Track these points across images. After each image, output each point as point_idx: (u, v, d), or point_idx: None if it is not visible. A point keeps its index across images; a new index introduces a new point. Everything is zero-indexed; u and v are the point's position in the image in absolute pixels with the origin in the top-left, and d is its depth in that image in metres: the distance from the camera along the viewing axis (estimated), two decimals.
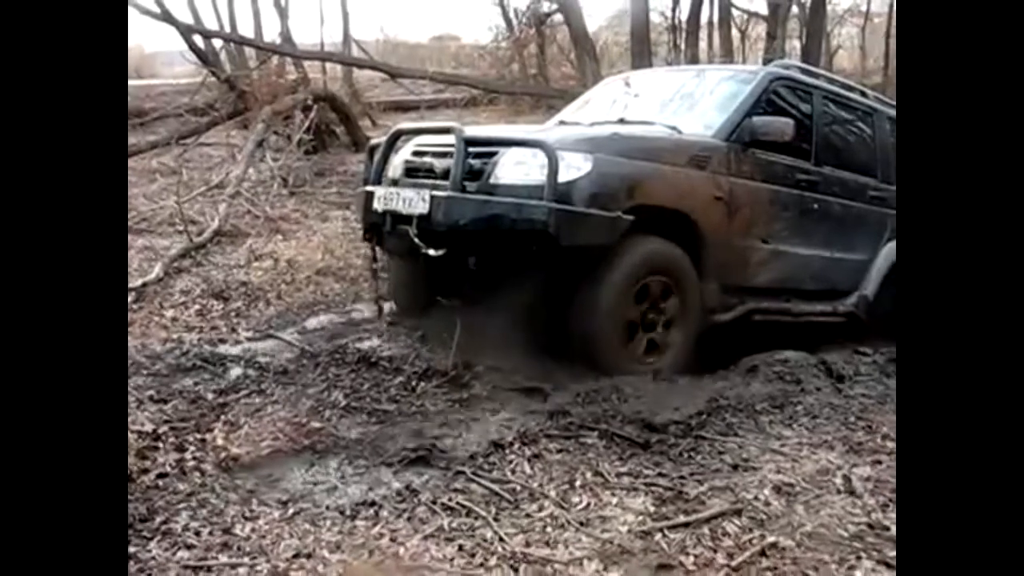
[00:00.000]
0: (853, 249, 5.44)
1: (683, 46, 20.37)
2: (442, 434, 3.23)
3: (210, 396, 3.64)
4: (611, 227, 3.93)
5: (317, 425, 3.29)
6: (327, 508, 2.67)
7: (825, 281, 5.27)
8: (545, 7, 18.08)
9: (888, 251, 5.61)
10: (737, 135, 4.60)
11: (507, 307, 3.98)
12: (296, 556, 2.37)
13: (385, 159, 4.53)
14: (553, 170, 3.78)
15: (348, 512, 2.64)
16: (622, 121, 4.86)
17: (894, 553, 2.47)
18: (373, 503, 2.70)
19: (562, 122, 5.46)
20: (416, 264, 4.46)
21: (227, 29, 14.32)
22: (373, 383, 3.73)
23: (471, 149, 4.03)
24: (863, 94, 5.96)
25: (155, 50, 20.76)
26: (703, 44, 22.55)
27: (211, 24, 13.85)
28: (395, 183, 4.43)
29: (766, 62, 17.54)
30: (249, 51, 14.11)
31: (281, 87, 11.26)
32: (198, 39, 12.17)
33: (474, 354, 3.93)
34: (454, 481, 2.86)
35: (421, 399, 3.59)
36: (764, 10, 19.31)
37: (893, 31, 21.93)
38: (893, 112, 5.97)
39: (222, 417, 3.40)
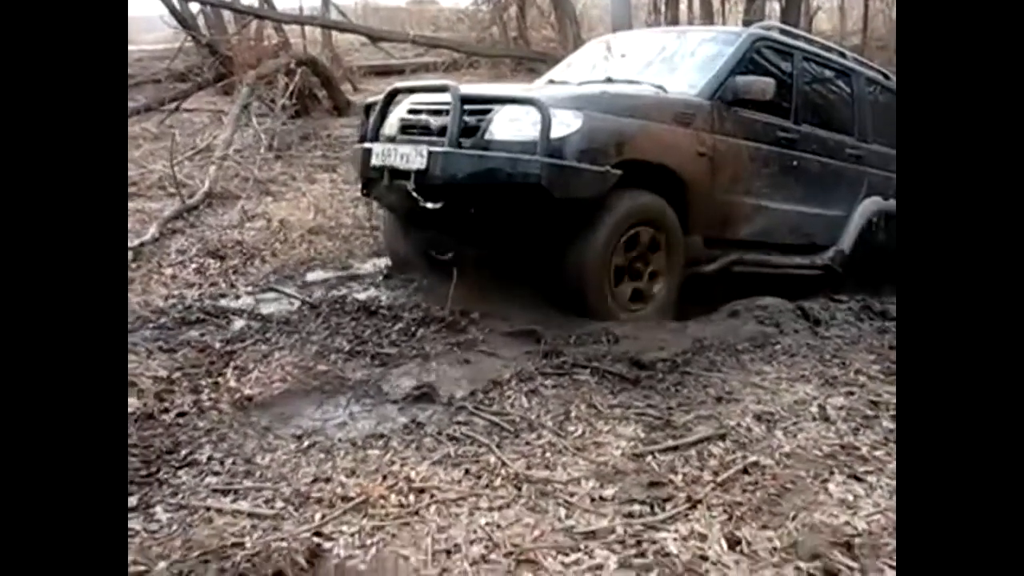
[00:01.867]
0: (831, 205, 5.64)
1: (663, 8, 20.44)
2: (443, 374, 3.42)
3: (217, 345, 3.79)
4: (601, 181, 4.09)
5: (323, 368, 3.46)
6: (339, 440, 2.85)
7: (803, 235, 5.48)
8: None
9: (864, 207, 5.84)
10: (720, 94, 4.77)
11: (501, 257, 4.15)
12: (315, 480, 2.56)
13: (382, 116, 4.68)
14: (546, 126, 3.93)
15: (360, 443, 2.83)
16: (609, 80, 5.01)
17: (864, 468, 2.70)
18: (382, 435, 2.89)
19: (551, 81, 5.60)
20: (411, 218, 4.62)
21: None
22: (374, 330, 3.91)
23: (466, 107, 4.17)
24: (842, 55, 6.14)
25: (131, 15, 20.51)
26: (683, 6, 22.59)
27: None
28: (391, 140, 4.56)
29: (746, 24, 17.69)
30: (227, 15, 14.06)
31: (263, 51, 11.29)
32: (176, 3, 12.13)
33: (470, 302, 4.12)
34: (456, 415, 3.05)
35: (421, 343, 3.77)
36: None
37: None
38: (870, 73, 6.18)
39: (231, 363, 3.55)
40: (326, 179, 8.08)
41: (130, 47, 15.57)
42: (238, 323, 4.15)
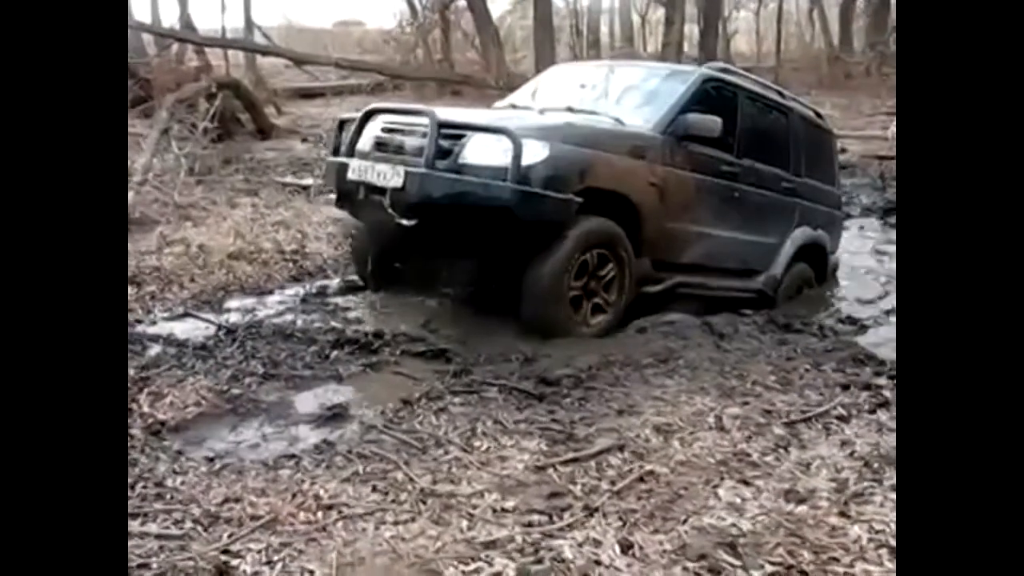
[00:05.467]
0: (766, 233, 5.99)
1: (585, 31, 20.89)
2: (355, 395, 3.53)
3: (132, 371, 3.80)
4: (565, 207, 4.39)
5: (237, 392, 3.52)
6: (251, 462, 2.93)
7: (741, 261, 5.81)
8: None
9: (795, 236, 6.23)
10: (672, 129, 5.08)
11: (460, 273, 4.55)
12: (225, 501, 2.62)
13: (359, 133, 4.87)
14: (517, 155, 4.20)
15: (271, 464, 2.90)
16: (571, 109, 5.28)
17: (753, 474, 2.87)
18: (294, 456, 2.97)
19: (513, 105, 5.84)
20: (380, 231, 4.86)
21: None
22: (289, 353, 3.98)
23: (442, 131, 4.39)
24: (780, 95, 6.50)
25: None
26: (604, 28, 23.02)
27: None
28: (364, 156, 4.76)
29: (664, 47, 18.13)
30: (146, 37, 13.94)
31: (184, 75, 11.25)
32: None
33: (394, 324, 4.27)
34: (367, 434, 3.15)
35: (335, 365, 3.87)
36: None
37: (784, 16, 22.85)
38: (804, 111, 6.63)
39: (145, 389, 3.56)
40: (247, 203, 8.06)
41: None
42: (154, 349, 4.16)
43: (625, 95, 5.52)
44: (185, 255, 6.11)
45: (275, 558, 2.32)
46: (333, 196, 5.20)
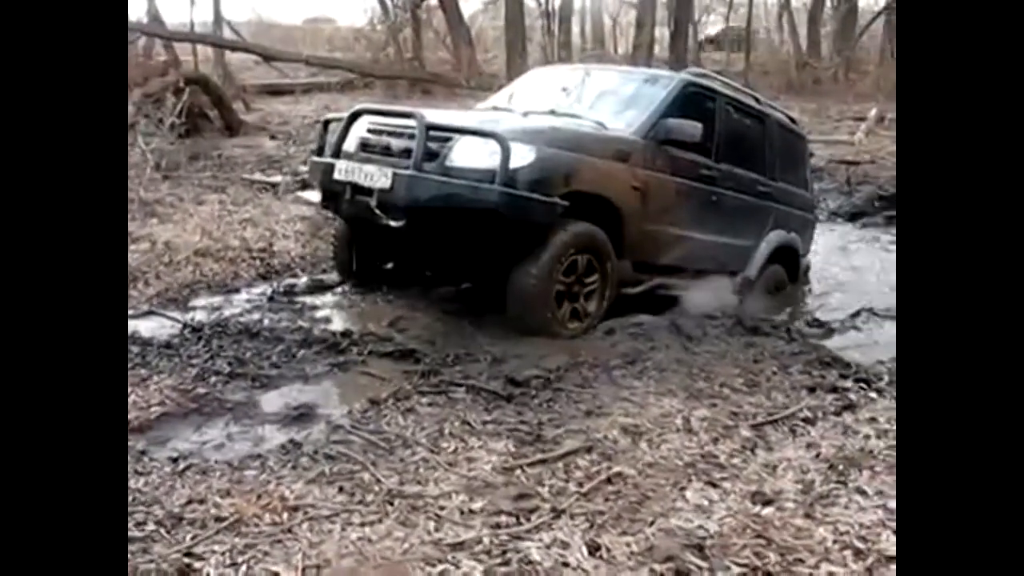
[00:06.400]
0: (742, 236, 6.06)
1: (556, 32, 20.92)
2: (322, 394, 3.51)
3: None
4: (550, 210, 4.42)
5: (202, 391, 3.49)
6: (216, 462, 2.89)
7: (718, 263, 5.85)
8: None
9: (770, 239, 6.32)
10: (653, 133, 5.13)
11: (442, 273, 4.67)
12: (189, 502, 2.59)
13: (345, 134, 4.87)
14: (506, 158, 4.23)
15: (236, 464, 2.87)
16: (553, 113, 5.33)
17: (720, 475, 2.89)
18: (259, 456, 2.94)
19: (495, 107, 5.86)
20: (363, 230, 4.97)
21: None
22: (255, 352, 3.95)
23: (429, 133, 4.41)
24: (757, 100, 6.57)
25: None
26: (576, 29, 23.06)
27: None
28: (349, 156, 4.78)
29: (635, 49, 18.19)
30: None
31: (151, 69, 11.09)
32: None
33: (362, 323, 4.24)
34: (334, 434, 3.12)
35: (301, 364, 3.85)
36: None
37: (754, 21, 23.01)
38: (779, 116, 6.73)
39: None
40: (215, 200, 7.96)
41: None
42: None
43: (607, 99, 5.57)
44: (151, 252, 6.04)
45: (239, 560, 2.29)
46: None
